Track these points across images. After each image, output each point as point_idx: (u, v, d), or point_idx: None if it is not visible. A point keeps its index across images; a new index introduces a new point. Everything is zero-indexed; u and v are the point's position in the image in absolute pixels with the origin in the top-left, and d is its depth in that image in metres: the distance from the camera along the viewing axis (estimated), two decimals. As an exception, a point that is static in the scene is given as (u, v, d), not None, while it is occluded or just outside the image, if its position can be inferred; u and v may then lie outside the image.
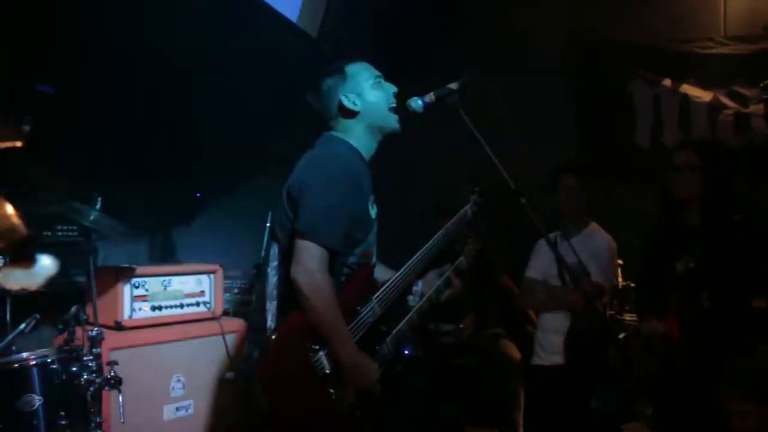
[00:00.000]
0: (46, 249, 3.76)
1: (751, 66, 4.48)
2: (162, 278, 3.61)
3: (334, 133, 2.56)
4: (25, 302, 3.29)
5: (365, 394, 2.39)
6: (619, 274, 4.34)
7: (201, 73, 4.45)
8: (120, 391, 2.81)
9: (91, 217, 3.16)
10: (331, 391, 2.32)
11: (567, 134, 5.10)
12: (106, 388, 2.73)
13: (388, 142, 2.65)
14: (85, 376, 2.67)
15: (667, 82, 4.79)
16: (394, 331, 2.55)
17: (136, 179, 4.67)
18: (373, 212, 2.55)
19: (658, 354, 3.16)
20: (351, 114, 2.53)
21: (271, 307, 2.41)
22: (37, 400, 2.62)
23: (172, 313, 3.61)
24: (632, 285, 3.81)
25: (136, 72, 4.22)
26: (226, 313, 3.92)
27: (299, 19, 4.05)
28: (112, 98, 4.08)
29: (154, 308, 3.54)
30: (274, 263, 2.46)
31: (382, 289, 2.54)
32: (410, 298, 2.75)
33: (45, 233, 3.78)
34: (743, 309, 3.00)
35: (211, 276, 3.83)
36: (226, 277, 4.02)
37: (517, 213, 4.12)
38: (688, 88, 4.72)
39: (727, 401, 2.92)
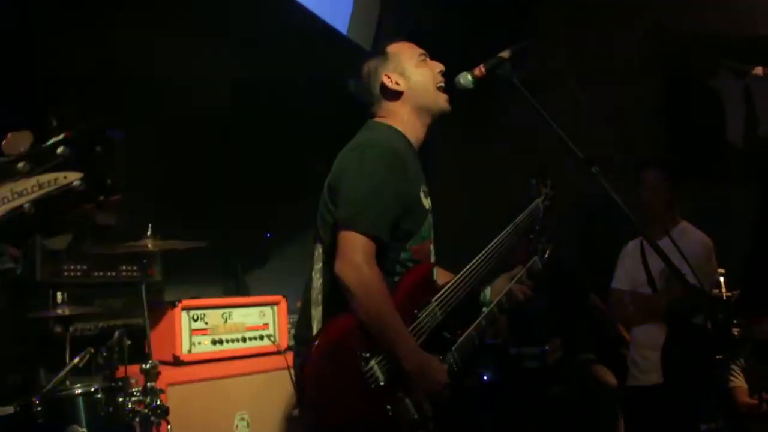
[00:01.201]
0: (112, 289, 3.80)
1: None
2: (222, 310, 3.48)
3: (377, 119, 2.35)
4: (84, 340, 3.25)
5: (436, 402, 2.09)
6: (723, 285, 3.89)
7: (270, 112, 4.43)
8: (168, 422, 2.64)
9: (149, 245, 3.08)
10: (389, 407, 2.04)
11: (656, 134, 4.74)
12: (152, 417, 2.56)
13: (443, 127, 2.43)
14: (129, 406, 2.52)
15: (758, 70, 4.37)
16: (460, 339, 2.24)
17: (207, 223, 4.65)
18: (426, 203, 2.29)
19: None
20: (394, 96, 2.32)
21: (317, 313, 2.18)
22: (79, 432, 2.49)
23: (233, 347, 3.48)
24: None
25: (203, 116, 4.24)
26: (292, 347, 3.73)
27: (349, 32, 3.95)
28: (184, 145, 4.12)
29: (214, 342, 3.41)
30: (318, 266, 2.23)
31: (444, 290, 2.24)
32: (482, 295, 2.45)
33: (109, 273, 3.77)
34: None
35: (275, 307, 3.69)
36: (292, 311, 3.86)
37: (598, 219, 3.80)
38: (783, 74, 4.29)
39: None
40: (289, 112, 4.57)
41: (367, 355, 2.03)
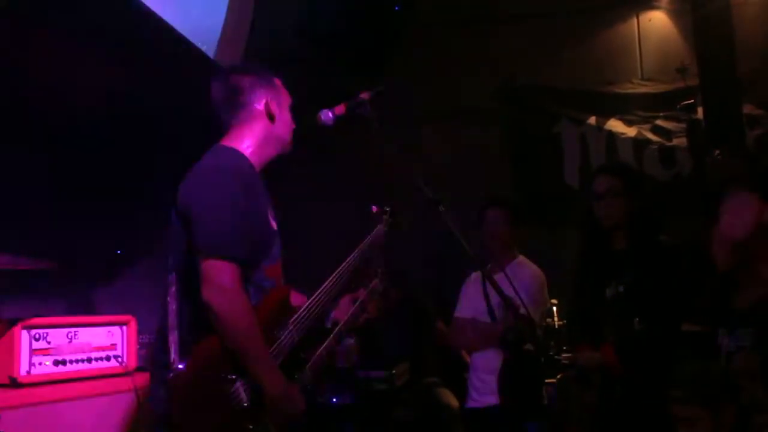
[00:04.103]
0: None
1: (669, 103, 4.59)
2: (67, 329, 3.34)
3: (224, 143, 2.38)
4: None
5: (293, 427, 2.18)
6: (555, 314, 4.22)
7: (128, 129, 4.30)
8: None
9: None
10: (251, 427, 2.11)
11: (504, 179, 5.13)
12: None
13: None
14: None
15: (592, 120, 4.86)
16: (312, 359, 2.37)
17: (52, 237, 4.45)
18: (274, 225, 2.39)
19: (596, 386, 3.03)
20: (261, 119, 2.40)
21: (174, 338, 2.19)
22: None
23: (78, 368, 3.32)
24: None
25: (59, 128, 4.07)
26: (140, 369, 3.65)
27: (216, 55, 3.95)
28: (36, 154, 3.93)
29: (57, 363, 3.26)
30: (171, 289, 2.25)
31: (299, 312, 2.34)
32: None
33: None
34: (675, 332, 2.91)
35: (124, 328, 3.57)
36: (142, 331, 3.77)
37: (445, 252, 4.02)
38: (613, 125, 4.79)
39: (677, 408, 2.79)
40: (147, 130, 4.46)
41: (233, 377, 2.10)
